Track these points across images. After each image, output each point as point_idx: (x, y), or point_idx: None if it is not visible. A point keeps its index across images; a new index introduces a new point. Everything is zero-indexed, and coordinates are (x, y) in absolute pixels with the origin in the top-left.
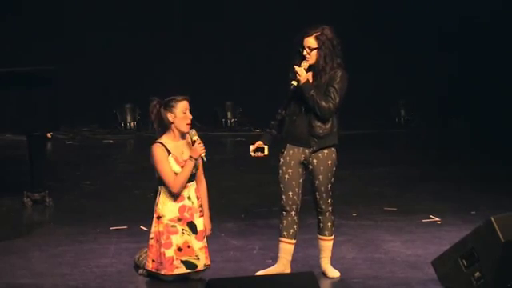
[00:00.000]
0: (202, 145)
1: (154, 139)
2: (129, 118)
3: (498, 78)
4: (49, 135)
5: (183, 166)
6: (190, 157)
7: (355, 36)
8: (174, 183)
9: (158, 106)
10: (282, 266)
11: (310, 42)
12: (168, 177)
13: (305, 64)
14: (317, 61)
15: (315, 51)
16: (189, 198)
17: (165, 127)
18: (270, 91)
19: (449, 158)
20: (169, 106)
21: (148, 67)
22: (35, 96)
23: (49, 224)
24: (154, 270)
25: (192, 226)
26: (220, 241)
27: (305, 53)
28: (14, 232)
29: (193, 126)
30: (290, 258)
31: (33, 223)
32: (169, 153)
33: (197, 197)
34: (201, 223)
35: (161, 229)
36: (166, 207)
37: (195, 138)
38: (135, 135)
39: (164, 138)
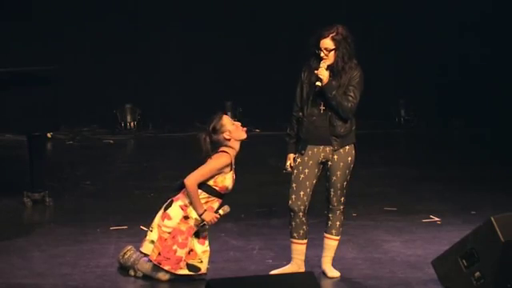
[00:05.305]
0: (216, 219)
1: (215, 149)
2: (129, 118)
3: (498, 77)
4: (49, 135)
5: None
6: (200, 216)
7: (355, 35)
8: (193, 182)
9: (208, 137)
10: (296, 266)
11: (327, 43)
12: (200, 176)
13: (324, 64)
14: (335, 61)
15: (332, 52)
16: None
17: (219, 146)
18: (270, 91)
19: (449, 158)
20: (219, 130)
21: (148, 67)
22: (35, 96)
23: (49, 224)
24: (156, 263)
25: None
26: (220, 241)
27: (322, 54)
28: (13, 232)
29: (193, 126)
30: (303, 258)
31: (33, 223)
32: (231, 168)
33: None
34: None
35: (183, 228)
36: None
37: (222, 213)
38: (135, 135)
39: (230, 151)
